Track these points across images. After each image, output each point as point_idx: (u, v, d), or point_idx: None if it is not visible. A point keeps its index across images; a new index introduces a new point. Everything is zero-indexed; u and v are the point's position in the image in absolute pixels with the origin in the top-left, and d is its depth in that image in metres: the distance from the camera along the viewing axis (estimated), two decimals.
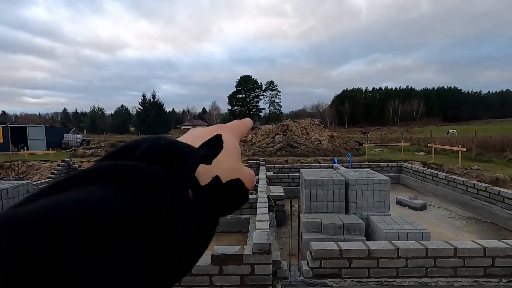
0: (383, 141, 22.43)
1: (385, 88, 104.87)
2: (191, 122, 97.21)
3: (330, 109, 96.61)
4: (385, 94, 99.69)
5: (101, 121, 56.67)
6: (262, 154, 13.53)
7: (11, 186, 4.98)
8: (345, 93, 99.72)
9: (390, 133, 37.96)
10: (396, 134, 34.31)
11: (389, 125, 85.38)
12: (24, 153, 13.16)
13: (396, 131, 43.02)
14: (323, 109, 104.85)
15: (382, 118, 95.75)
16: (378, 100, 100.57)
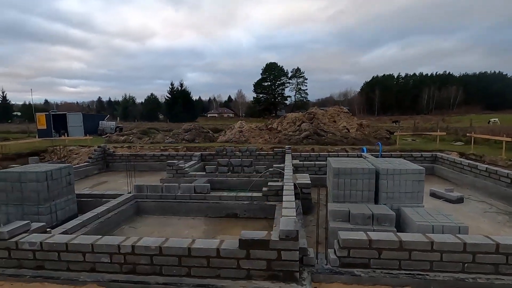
0: (416, 130, 21.26)
1: (420, 74, 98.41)
2: (217, 110, 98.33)
3: (358, 97, 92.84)
4: (419, 80, 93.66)
5: (132, 108, 59.21)
6: (288, 142, 13.41)
7: (55, 168, 5.38)
8: (375, 79, 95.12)
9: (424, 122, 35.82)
10: (430, 123, 32.34)
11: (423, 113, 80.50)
12: (65, 138, 14.17)
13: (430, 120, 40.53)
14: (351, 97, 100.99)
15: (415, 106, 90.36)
16: (411, 87, 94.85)
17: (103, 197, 6.38)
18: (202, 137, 14.78)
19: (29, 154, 12.21)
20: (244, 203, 5.89)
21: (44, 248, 3.39)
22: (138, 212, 6.15)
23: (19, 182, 5.15)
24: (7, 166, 10.29)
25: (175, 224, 5.66)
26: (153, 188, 6.29)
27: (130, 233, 5.26)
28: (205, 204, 5.99)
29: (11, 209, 5.25)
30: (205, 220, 5.84)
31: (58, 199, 5.45)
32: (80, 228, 4.67)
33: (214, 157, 11.13)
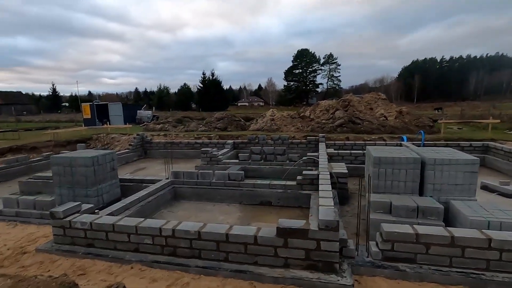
0: (462, 118, 19.54)
1: (468, 56, 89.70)
2: (247, 99, 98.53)
3: (396, 83, 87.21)
4: (466, 64, 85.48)
5: (166, 98, 61.45)
6: (321, 130, 13.05)
7: (100, 154, 5.74)
8: (415, 63, 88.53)
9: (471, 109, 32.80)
10: (478, 110, 29.55)
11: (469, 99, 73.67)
12: (107, 127, 15.14)
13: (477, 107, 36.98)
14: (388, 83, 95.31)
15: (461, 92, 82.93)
16: (456, 71, 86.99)
17: (143, 182, 6.71)
18: (234, 125, 14.92)
19: (77, 141, 13.21)
20: (278, 191, 5.84)
21: (94, 228, 3.63)
22: (175, 197, 6.39)
23: (70, 167, 5.56)
24: (59, 152, 11.25)
25: (210, 210, 5.79)
26: (189, 174, 6.46)
27: (169, 217, 5.48)
28: (239, 191, 6.04)
29: (64, 191, 5.71)
30: (240, 207, 5.90)
31: (104, 183, 5.81)
32: (124, 210, 4.94)
33: (246, 145, 11.17)
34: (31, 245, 3.93)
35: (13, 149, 10.64)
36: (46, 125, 23.23)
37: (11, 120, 30.87)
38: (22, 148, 10.97)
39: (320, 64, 71.99)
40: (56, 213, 3.73)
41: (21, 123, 25.79)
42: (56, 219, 3.74)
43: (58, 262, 3.48)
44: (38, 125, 22.70)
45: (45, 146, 11.64)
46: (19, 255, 3.69)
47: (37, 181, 7.49)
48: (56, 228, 3.78)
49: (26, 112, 52.68)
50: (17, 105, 57.68)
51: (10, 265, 3.50)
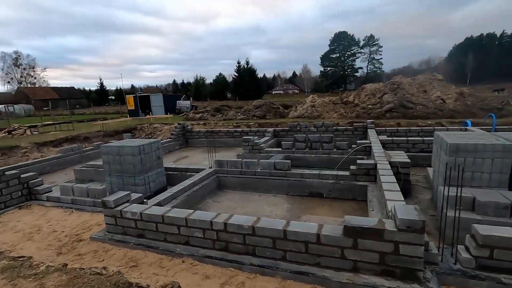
0: None
1: None
2: (281, 87, 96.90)
3: (446, 64, 79.19)
4: None
5: (203, 88, 62.66)
6: (367, 116, 12.09)
7: (146, 143, 5.73)
8: (469, 41, 79.31)
9: None
10: None
11: None
12: (150, 117, 15.66)
13: None
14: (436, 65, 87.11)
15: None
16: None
17: (187, 171, 6.64)
18: (273, 113, 14.50)
19: (123, 131, 13.82)
20: (329, 182, 5.37)
21: (144, 218, 3.52)
22: (220, 187, 6.22)
23: (118, 155, 5.62)
24: (107, 142, 11.84)
25: (256, 201, 5.52)
26: (233, 163, 6.24)
27: (215, 207, 5.32)
28: (286, 181, 5.67)
29: (114, 179, 5.82)
30: (287, 198, 5.55)
31: (150, 171, 5.82)
32: (171, 200, 4.86)
33: (288, 133, 10.74)
34: (86, 233, 3.97)
35: (68, 139, 11.40)
36: (96, 117, 24.92)
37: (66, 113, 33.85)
38: (76, 138, 11.71)
39: (360, 47, 67.80)
40: (107, 202, 3.69)
41: (74, 116, 28.00)
42: (107, 208, 3.70)
43: (111, 252, 3.44)
44: (89, 117, 24.48)
45: (95, 136, 12.32)
46: (75, 243, 3.73)
47: (89, 169, 7.85)
48: (108, 217, 3.75)
49: (79, 105, 57.37)
50: (71, 99, 63.06)
51: (68, 252, 3.54)
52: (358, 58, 69.11)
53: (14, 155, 9.60)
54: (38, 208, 5.09)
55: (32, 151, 9.98)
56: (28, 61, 66.71)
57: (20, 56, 65.19)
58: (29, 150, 9.94)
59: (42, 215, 4.76)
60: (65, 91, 66.94)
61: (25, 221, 4.59)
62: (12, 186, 5.20)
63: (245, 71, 56.12)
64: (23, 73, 66.36)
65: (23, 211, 5.01)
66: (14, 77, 65.16)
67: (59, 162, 9.37)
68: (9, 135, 13.09)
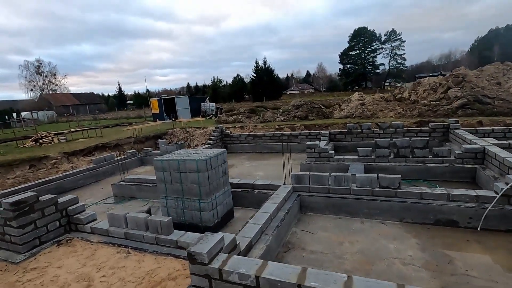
0: None
1: None
2: (296, 87, 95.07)
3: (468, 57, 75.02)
4: None
5: (220, 90, 61.83)
6: (434, 114, 10.45)
7: (213, 155, 4.45)
8: (494, 32, 74.75)
9: None
10: None
11: None
12: (181, 121, 14.60)
13: None
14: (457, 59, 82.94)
15: None
16: None
17: (254, 188, 5.35)
18: (315, 113, 13.06)
19: (154, 136, 12.75)
20: (468, 206, 3.90)
21: (262, 285, 2.19)
22: (301, 209, 4.87)
23: (179, 172, 4.36)
24: (140, 149, 10.74)
25: (361, 231, 4.12)
26: (318, 178, 4.86)
27: (310, 240, 3.96)
28: (399, 203, 4.24)
29: (170, 202, 4.57)
30: (404, 227, 4.11)
31: (217, 192, 4.54)
32: (260, 235, 3.53)
33: (346, 136, 9.28)
34: None
35: (98, 147, 10.39)
36: (119, 122, 24.18)
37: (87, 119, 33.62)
38: (107, 146, 10.69)
39: (381, 42, 64.93)
40: (198, 256, 2.39)
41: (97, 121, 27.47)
42: (198, 264, 2.41)
43: None
44: (112, 122, 23.79)
45: (126, 143, 11.28)
46: None
47: (129, 184, 6.68)
48: (198, 278, 2.45)
49: (99, 110, 57.74)
50: (91, 104, 63.68)
51: None
52: (379, 54, 66.26)
53: (43, 166, 8.62)
54: (82, 245, 3.88)
55: (61, 162, 8.99)
56: (50, 68, 68.03)
57: (42, 64, 66.57)
58: (59, 160, 8.95)
59: (89, 257, 3.54)
60: (84, 96, 67.81)
61: (68, 267, 3.38)
62: (49, 215, 4.03)
63: (263, 71, 54.80)
64: (45, 80, 67.72)
65: (63, 249, 3.82)
66: (36, 84, 66.58)
67: (92, 174, 8.31)
68: (36, 144, 12.28)
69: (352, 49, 66.85)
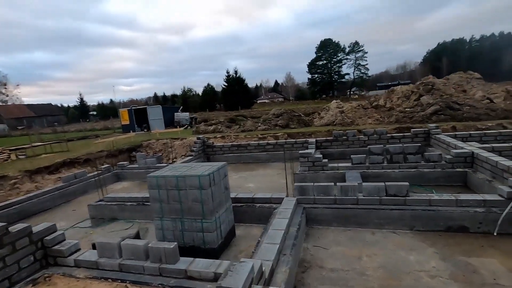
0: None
1: (500, 33, 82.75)
2: (266, 96, 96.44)
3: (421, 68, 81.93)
4: (499, 41, 78.75)
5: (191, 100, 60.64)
6: (410, 120, 10.92)
7: (215, 169, 4.05)
8: (442, 46, 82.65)
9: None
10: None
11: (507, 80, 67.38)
12: (157, 132, 13.79)
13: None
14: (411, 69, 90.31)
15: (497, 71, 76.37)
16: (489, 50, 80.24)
17: (254, 202, 5.01)
18: (296, 121, 13.08)
19: (128, 149, 11.86)
20: (477, 211, 3.92)
21: None
22: (307, 222, 4.62)
23: (177, 190, 3.91)
24: (115, 163, 9.87)
25: (375, 242, 3.96)
26: (323, 189, 4.67)
27: (326, 257, 3.70)
28: (409, 211, 4.17)
29: (167, 223, 4.08)
30: (417, 236, 4.03)
31: (220, 209, 4.14)
32: (279, 256, 3.21)
33: (332, 143, 9.31)
34: None
35: (66, 163, 9.35)
36: (87, 134, 22.37)
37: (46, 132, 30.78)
38: (76, 161, 9.67)
39: (346, 53, 68.38)
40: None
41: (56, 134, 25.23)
42: None
43: None
44: (77, 134, 21.93)
45: (98, 157, 10.31)
46: None
47: (110, 204, 5.99)
48: None
49: (57, 123, 53.44)
50: (49, 116, 58.86)
51: None
52: (344, 65, 69.61)
53: (0, 188, 7.49)
54: (65, 282, 3.25)
55: (23, 182, 7.91)
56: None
57: None
58: (20, 180, 7.87)
59: None
60: (41, 108, 62.52)
61: None
62: (21, 250, 3.35)
63: (234, 81, 54.83)
64: None
65: None
66: None
67: (62, 194, 7.41)
68: None
69: (319, 59, 69.54)
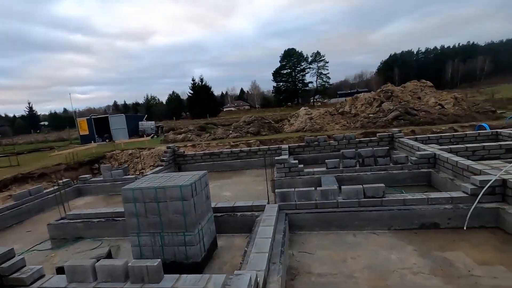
0: None
1: (442, 46, 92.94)
2: (232, 104, 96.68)
3: (376, 77, 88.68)
4: (441, 54, 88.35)
5: (155, 108, 58.52)
6: (374, 125, 11.60)
7: (196, 178, 3.87)
8: (393, 57, 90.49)
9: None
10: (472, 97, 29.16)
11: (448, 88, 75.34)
12: (121, 142, 12.96)
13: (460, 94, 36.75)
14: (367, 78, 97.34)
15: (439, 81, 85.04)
16: (433, 62, 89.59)
17: (235, 211, 4.89)
18: (266, 128, 13.18)
19: (90, 162, 11.00)
20: (446, 208, 4.21)
21: None
22: (290, 228, 4.60)
23: (156, 202, 3.66)
24: (76, 177, 9.06)
25: (358, 244, 4.06)
26: (304, 194, 4.71)
27: (312, 262, 3.70)
28: (387, 212, 4.35)
29: (145, 239, 3.80)
30: (395, 234, 4.21)
31: (203, 220, 3.96)
32: (269, 265, 3.13)
33: (304, 149, 9.52)
34: None
35: (18, 178, 8.37)
36: (39, 146, 20.32)
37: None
38: (29, 176, 8.69)
39: (309, 63, 71.38)
40: None
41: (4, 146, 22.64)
42: None
43: None
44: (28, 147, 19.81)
45: (55, 171, 9.39)
46: None
47: (74, 222, 5.45)
48: None
49: (1, 134, 48.10)
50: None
51: None
52: (307, 73, 72.53)
53: None
54: None
55: None
56: None
57: None
58: None
59: None
60: None
61: None
62: None
63: (200, 88, 54.15)
64: None
65: None
66: None
67: (13, 214, 6.61)
68: None
69: (283, 68, 71.67)
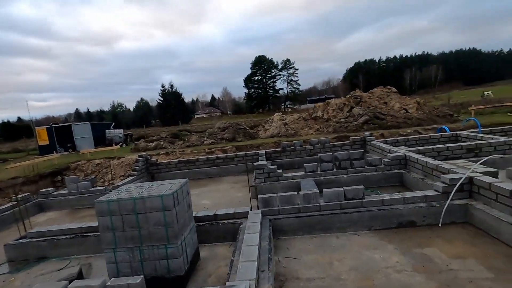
0: None
1: (400, 56, 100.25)
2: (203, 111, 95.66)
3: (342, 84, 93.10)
4: (400, 62, 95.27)
5: (123, 116, 55.96)
6: (345, 130, 12.02)
7: (178, 188, 3.68)
8: (358, 65, 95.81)
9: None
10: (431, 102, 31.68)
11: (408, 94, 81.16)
12: (87, 151, 12.08)
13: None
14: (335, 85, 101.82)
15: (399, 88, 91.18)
16: (393, 70, 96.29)
17: (216, 220, 4.75)
18: (242, 134, 13.11)
19: (51, 174, 10.15)
20: (421, 206, 4.42)
21: None
22: (274, 234, 4.55)
23: (135, 214, 3.43)
24: (36, 191, 8.28)
25: (342, 246, 4.11)
26: (287, 199, 4.69)
27: (299, 267, 3.66)
28: (368, 213, 4.47)
29: (122, 254, 3.53)
30: (376, 234, 4.32)
31: (185, 231, 3.77)
32: (258, 274, 3.04)
33: (281, 154, 9.58)
34: None
35: None
36: None
37: None
38: None
39: (279, 70, 72.90)
40: None
41: None
42: None
43: None
44: None
45: (10, 185, 8.51)
46: None
47: (37, 241, 4.94)
48: None
49: None
50: None
51: None
52: (278, 80, 74.01)
53: None
54: None
55: None
56: None
57: None
58: None
59: None
60: None
61: None
62: None
63: (170, 95, 52.82)
64: None
65: None
66: None
67: None
68: None
69: (254, 75, 72.46)
